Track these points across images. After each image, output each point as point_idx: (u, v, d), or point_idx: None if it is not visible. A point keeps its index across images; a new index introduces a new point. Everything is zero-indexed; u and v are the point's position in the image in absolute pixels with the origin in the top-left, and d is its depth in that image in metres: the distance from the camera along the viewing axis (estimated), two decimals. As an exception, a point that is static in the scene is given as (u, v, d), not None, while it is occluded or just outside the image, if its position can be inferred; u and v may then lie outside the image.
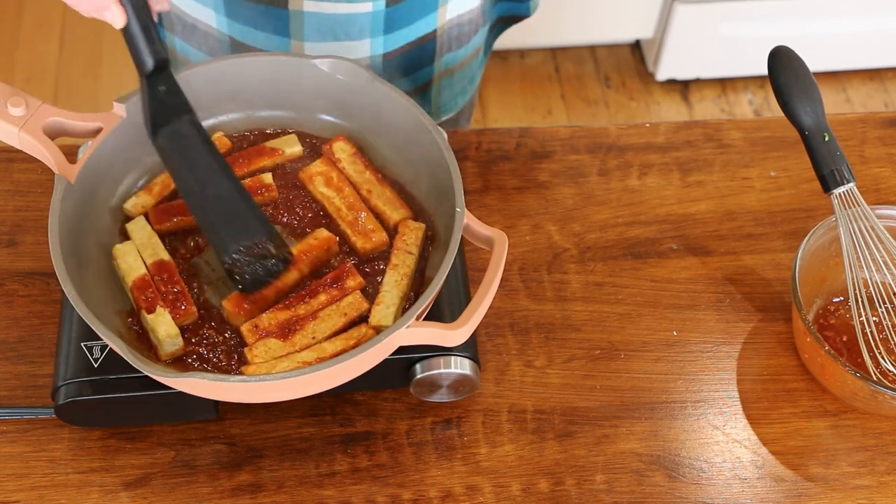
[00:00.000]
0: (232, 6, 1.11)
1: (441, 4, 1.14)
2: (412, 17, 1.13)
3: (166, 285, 0.93)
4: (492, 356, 1.05)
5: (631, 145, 1.21)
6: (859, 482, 1.00)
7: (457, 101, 1.29)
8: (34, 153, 0.93)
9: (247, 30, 1.13)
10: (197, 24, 1.16)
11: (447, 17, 1.16)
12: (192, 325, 0.93)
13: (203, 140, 0.91)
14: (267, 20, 1.11)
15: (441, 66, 1.22)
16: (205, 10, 1.14)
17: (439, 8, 1.14)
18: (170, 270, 0.94)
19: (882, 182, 1.19)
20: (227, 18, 1.13)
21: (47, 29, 2.56)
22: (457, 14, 1.17)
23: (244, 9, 1.11)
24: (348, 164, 1.02)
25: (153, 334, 0.91)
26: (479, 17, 1.21)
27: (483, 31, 1.25)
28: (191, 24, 1.16)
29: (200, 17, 1.15)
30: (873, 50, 2.50)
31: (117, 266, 0.95)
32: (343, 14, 1.10)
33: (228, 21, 1.13)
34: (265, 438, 0.99)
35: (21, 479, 0.96)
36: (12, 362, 1.02)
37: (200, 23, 1.15)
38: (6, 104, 0.92)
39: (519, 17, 1.29)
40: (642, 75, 2.55)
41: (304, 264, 0.95)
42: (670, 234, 1.14)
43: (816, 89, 1.04)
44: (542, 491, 0.98)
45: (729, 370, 1.06)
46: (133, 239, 0.96)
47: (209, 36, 1.16)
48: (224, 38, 1.15)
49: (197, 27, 1.16)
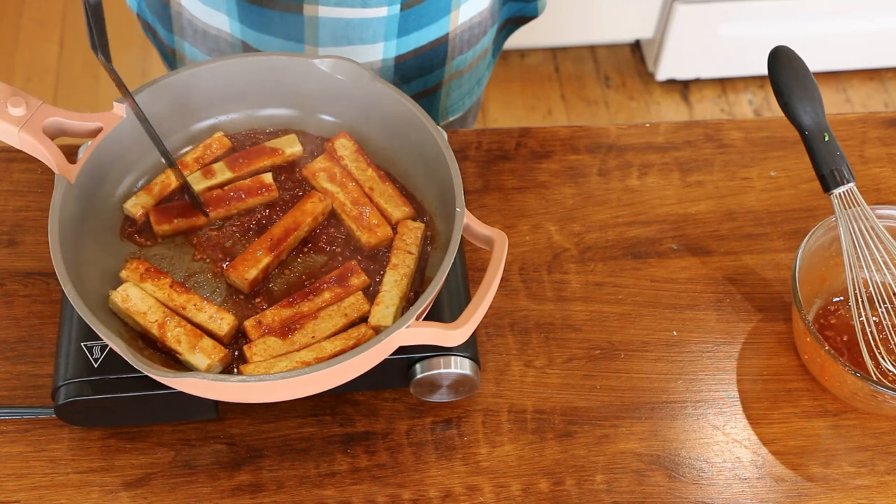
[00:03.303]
0: (245, 12, 1.11)
1: (454, 8, 1.14)
2: (425, 21, 1.14)
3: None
4: (492, 356, 1.05)
5: (631, 145, 1.21)
6: (859, 482, 1.00)
7: (464, 101, 1.29)
8: (34, 153, 0.93)
9: (260, 35, 1.13)
10: (208, 29, 1.16)
11: (459, 21, 1.16)
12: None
13: None
14: (281, 26, 1.11)
15: (452, 68, 1.22)
16: (217, 16, 1.14)
17: (452, 12, 1.14)
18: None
19: (882, 182, 1.19)
20: (240, 24, 1.13)
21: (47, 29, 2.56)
22: (468, 17, 1.17)
23: (258, 14, 1.11)
24: (350, 161, 1.02)
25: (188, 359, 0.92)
26: (489, 19, 1.21)
27: (491, 33, 1.25)
28: (202, 29, 1.16)
29: (212, 23, 1.15)
30: (873, 50, 2.50)
31: (120, 310, 0.93)
32: (358, 19, 1.10)
33: (241, 27, 1.13)
34: (265, 438, 0.99)
35: (21, 479, 0.96)
36: (12, 362, 1.02)
37: (212, 28, 1.15)
38: (6, 104, 0.92)
39: (527, 17, 1.30)
40: (642, 75, 2.55)
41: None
42: (670, 234, 1.14)
43: (816, 89, 1.04)
44: (542, 491, 0.98)
45: (729, 370, 1.06)
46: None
47: (221, 41, 1.16)
48: (237, 44, 1.15)
49: (208, 32, 1.16)
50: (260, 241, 0.96)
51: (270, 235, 0.97)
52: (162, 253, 0.98)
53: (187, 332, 0.91)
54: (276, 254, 0.96)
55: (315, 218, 0.98)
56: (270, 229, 0.97)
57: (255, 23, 1.12)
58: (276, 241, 0.96)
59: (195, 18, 1.16)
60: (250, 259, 0.95)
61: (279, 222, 0.98)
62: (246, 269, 0.95)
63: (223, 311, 0.93)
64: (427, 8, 1.12)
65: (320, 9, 1.09)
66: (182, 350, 0.91)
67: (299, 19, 1.10)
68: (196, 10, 1.15)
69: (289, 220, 0.98)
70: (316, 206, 0.98)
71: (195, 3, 1.14)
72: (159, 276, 0.94)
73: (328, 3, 1.09)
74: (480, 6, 1.18)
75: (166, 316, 0.92)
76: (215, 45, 1.17)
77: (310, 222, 0.98)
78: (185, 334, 0.91)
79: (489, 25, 1.23)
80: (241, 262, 0.95)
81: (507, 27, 1.31)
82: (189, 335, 0.91)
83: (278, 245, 0.96)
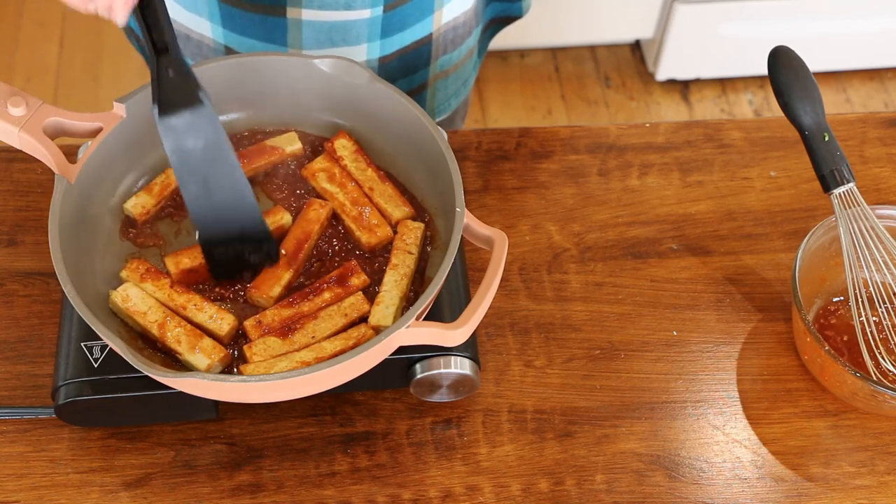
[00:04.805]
0: (228, 16, 1.11)
1: (437, 9, 1.14)
2: (409, 22, 1.14)
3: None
4: (492, 356, 1.05)
5: (631, 145, 1.21)
6: (859, 482, 1.00)
7: (450, 102, 1.29)
8: (34, 153, 0.93)
9: (243, 39, 1.13)
10: (191, 34, 1.15)
11: (443, 21, 1.16)
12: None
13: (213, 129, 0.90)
14: (264, 29, 1.11)
15: (436, 68, 1.22)
16: (199, 21, 1.13)
17: (435, 12, 1.14)
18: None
19: (882, 182, 1.19)
20: (222, 28, 1.12)
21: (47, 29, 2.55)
22: (452, 17, 1.17)
23: (240, 18, 1.10)
24: (350, 161, 1.02)
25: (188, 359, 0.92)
26: (473, 19, 1.21)
27: (476, 33, 1.25)
28: (184, 34, 1.16)
29: (194, 28, 1.14)
30: (873, 50, 2.50)
31: (120, 310, 0.94)
32: (341, 21, 1.10)
33: (224, 31, 1.12)
34: (265, 438, 0.99)
35: (21, 479, 0.96)
36: (12, 362, 1.02)
37: (194, 33, 1.15)
38: (6, 104, 0.92)
39: (511, 17, 1.29)
40: (642, 75, 2.55)
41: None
42: (670, 234, 1.14)
43: (816, 89, 1.04)
44: (542, 491, 0.98)
45: (729, 370, 1.06)
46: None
47: (203, 46, 1.16)
48: (219, 49, 1.15)
49: (191, 37, 1.16)
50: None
51: (284, 251, 0.96)
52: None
53: (187, 333, 0.91)
54: (295, 268, 0.96)
55: (321, 224, 0.98)
56: (283, 244, 0.97)
57: (238, 26, 1.11)
58: (292, 254, 0.96)
59: (177, 23, 1.15)
60: (271, 277, 0.95)
61: (289, 236, 0.97)
62: (269, 287, 0.94)
63: (223, 311, 0.93)
64: (410, 9, 1.12)
65: (304, 12, 1.09)
66: (182, 350, 0.91)
67: (283, 22, 1.10)
68: (178, 14, 1.14)
69: (297, 231, 0.97)
70: (320, 213, 0.98)
71: (177, 7, 1.14)
72: (159, 277, 0.94)
73: (311, 5, 1.08)
74: (464, 6, 1.18)
75: (166, 316, 0.92)
76: (198, 51, 1.16)
77: (318, 230, 0.98)
78: (185, 334, 0.91)
79: (473, 26, 1.22)
80: (263, 282, 0.95)
81: (492, 27, 1.31)
82: (189, 335, 0.91)
83: (295, 258, 0.96)
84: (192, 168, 0.90)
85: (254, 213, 0.94)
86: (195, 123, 0.88)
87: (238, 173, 0.92)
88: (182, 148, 0.89)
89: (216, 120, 0.89)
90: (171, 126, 0.88)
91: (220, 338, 0.92)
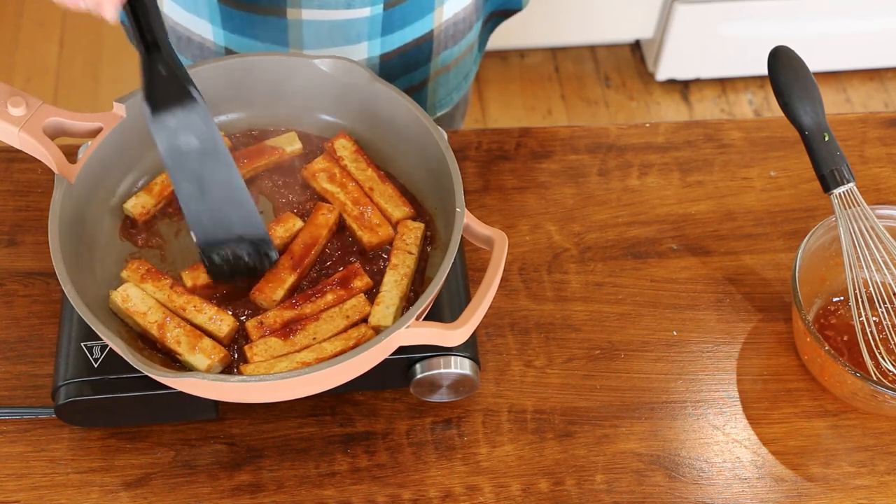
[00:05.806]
0: (228, 17, 1.11)
1: (437, 5, 1.14)
2: (409, 20, 1.13)
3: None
4: (492, 356, 1.05)
5: (631, 145, 1.21)
6: (859, 482, 1.00)
7: (452, 97, 1.29)
8: (34, 153, 0.93)
9: (244, 40, 1.12)
10: (191, 36, 1.15)
11: (444, 17, 1.16)
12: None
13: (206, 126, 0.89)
14: (265, 29, 1.11)
15: (437, 64, 1.22)
16: (199, 22, 1.13)
17: (436, 9, 1.14)
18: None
19: (882, 182, 1.19)
20: (223, 30, 1.12)
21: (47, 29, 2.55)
22: (452, 13, 1.17)
23: (241, 19, 1.10)
24: (350, 162, 1.02)
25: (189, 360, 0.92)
26: (473, 14, 1.21)
27: (476, 27, 1.25)
28: (185, 36, 1.15)
29: (195, 30, 1.14)
30: (873, 50, 2.50)
31: (120, 310, 0.94)
32: (342, 20, 1.10)
33: (225, 32, 1.12)
34: (265, 438, 0.99)
35: (21, 479, 0.96)
36: (12, 362, 1.02)
37: (195, 35, 1.15)
38: (6, 104, 0.92)
39: (512, 10, 1.29)
40: (642, 75, 2.55)
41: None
42: (670, 234, 1.14)
43: (816, 89, 1.04)
44: (542, 491, 0.98)
45: (729, 370, 1.06)
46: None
47: (204, 48, 1.15)
48: (220, 51, 1.15)
49: (192, 39, 1.15)
50: (282, 261, 0.96)
51: (291, 254, 0.96)
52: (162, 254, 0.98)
53: (187, 333, 0.91)
54: (300, 271, 0.96)
55: (330, 229, 0.98)
56: (290, 248, 0.97)
57: (239, 27, 1.11)
58: (298, 258, 0.96)
59: (178, 25, 1.15)
60: (275, 280, 0.95)
61: (297, 239, 0.97)
62: (272, 290, 0.94)
63: (223, 312, 0.93)
64: (410, 6, 1.12)
65: (304, 11, 1.09)
66: (182, 350, 0.91)
67: (283, 22, 1.10)
68: (178, 16, 1.14)
69: (306, 235, 0.97)
70: (328, 218, 0.98)
71: (177, 9, 1.14)
72: (160, 277, 0.94)
73: (311, 5, 1.08)
74: (464, 2, 1.18)
75: (166, 316, 0.92)
76: (199, 52, 1.16)
77: (326, 234, 0.98)
78: (184, 335, 0.91)
79: (474, 20, 1.22)
80: (267, 285, 0.95)
81: (493, 21, 1.30)
82: (189, 336, 0.91)
83: (300, 262, 0.96)
84: (186, 166, 0.90)
85: (250, 213, 0.93)
86: (188, 121, 0.88)
87: (233, 172, 0.91)
88: (175, 146, 0.89)
89: (209, 117, 0.89)
90: (164, 124, 0.87)
91: (220, 339, 0.92)
